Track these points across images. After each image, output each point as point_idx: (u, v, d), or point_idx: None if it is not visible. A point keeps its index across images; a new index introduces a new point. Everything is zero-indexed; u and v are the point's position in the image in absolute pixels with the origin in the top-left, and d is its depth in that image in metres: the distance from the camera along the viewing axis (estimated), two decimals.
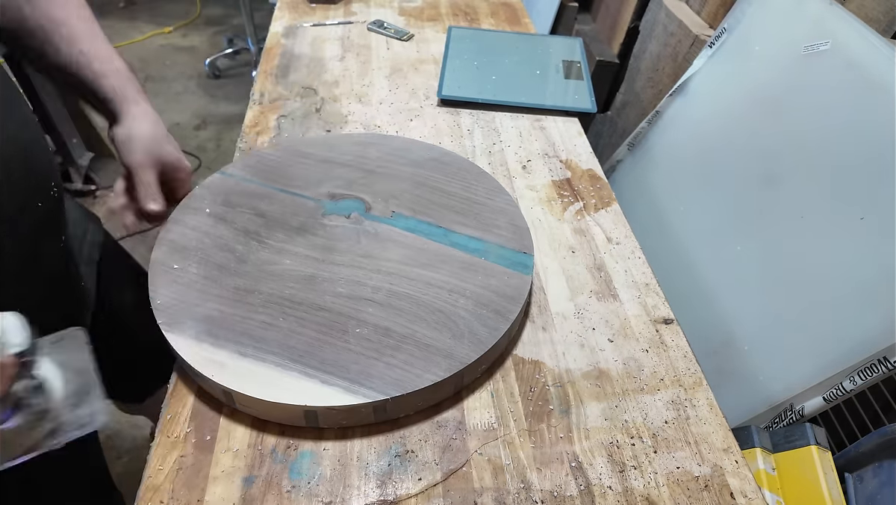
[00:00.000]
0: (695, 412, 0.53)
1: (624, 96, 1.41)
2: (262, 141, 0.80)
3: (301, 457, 0.48)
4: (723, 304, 0.88)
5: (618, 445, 0.50)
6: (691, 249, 0.95)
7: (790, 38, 0.84)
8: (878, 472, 0.63)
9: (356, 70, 0.97)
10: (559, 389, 0.53)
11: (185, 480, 0.46)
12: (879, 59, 0.72)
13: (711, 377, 0.57)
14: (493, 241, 0.61)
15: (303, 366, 0.49)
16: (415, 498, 0.46)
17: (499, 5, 1.22)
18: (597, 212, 0.73)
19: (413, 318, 0.53)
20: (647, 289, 0.63)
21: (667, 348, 0.58)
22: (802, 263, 0.77)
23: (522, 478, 0.47)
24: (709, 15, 1.14)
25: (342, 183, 0.67)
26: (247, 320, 0.52)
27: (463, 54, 1.00)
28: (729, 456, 0.50)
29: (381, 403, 0.48)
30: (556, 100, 0.90)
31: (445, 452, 0.48)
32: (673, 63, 1.19)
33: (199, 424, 0.49)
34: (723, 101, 0.96)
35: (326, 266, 0.57)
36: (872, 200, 0.70)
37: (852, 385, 0.67)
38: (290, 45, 1.03)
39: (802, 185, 0.79)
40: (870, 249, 0.69)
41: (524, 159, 0.80)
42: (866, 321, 0.68)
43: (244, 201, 0.64)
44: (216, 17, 3.24)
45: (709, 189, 0.95)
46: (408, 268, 0.58)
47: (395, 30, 1.08)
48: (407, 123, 0.85)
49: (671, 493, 0.47)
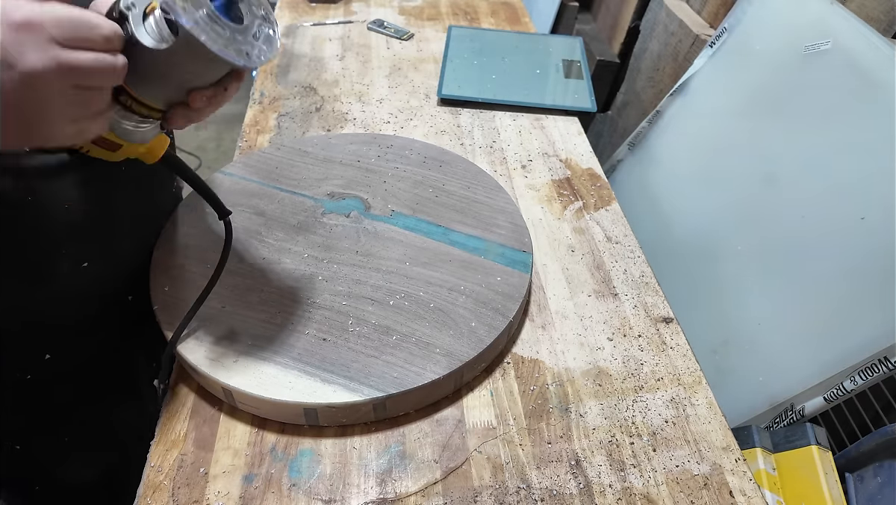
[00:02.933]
0: (694, 411, 0.53)
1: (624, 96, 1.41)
2: (262, 140, 0.80)
3: (301, 455, 0.48)
4: (723, 304, 0.88)
5: (617, 444, 0.50)
6: (691, 249, 0.95)
7: (791, 38, 0.84)
8: (878, 471, 0.63)
9: (356, 69, 0.97)
10: (558, 387, 0.53)
11: (186, 478, 0.46)
12: (880, 59, 0.72)
13: (711, 376, 0.57)
14: (493, 240, 0.61)
15: (303, 364, 0.49)
16: (414, 496, 0.46)
17: (499, 5, 1.21)
18: (596, 211, 0.73)
19: (412, 316, 0.53)
20: (647, 288, 0.63)
21: (666, 347, 0.58)
22: (802, 262, 0.77)
23: (522, 476, 0.47)
24: (709, 14, 1.14)
25: (342, 182, 0.67)
26: (247, 319, 0.52)
27: (463, 53, 1.00)
28: (728, 455, 0.49)
29: (381, 401, 0.48)
30: (556, 99, 0.90)
31: (445, 450, 0.48)
32: (673, 63, 1.19)
33: (198, 422, 0.49)
34: (723, 100, 0.96)
35: (326, 265, 0.57)
36: (872, 200, 0.70)
37: (853, 385, 0.67)
38: (290, 44, 1.03)
39: (802, 185, 0.79)
40: (870, 249, 0.69)
41: (524, 158, 0.80)
42: (866, 321, 0.68)
43: (244, 200, 0.64)
44: None
45: (709, 189, 0.95)
46: (407, 266, 0.58)
47: (395, 29, 1.08)
48: (407, 123, 0.85)
49: (670, 491, 0.47)
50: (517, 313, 0.55)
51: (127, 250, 0.56)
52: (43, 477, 0.58)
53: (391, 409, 0.49)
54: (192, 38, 0.33)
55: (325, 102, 0.88)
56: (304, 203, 0.64)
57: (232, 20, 0.36)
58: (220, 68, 0.38)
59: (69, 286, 0.50)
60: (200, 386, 0.51)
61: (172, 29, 0.34)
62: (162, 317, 0.52)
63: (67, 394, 0.55)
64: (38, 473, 0.58)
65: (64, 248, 0.48)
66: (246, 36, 0.37)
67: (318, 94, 0.90)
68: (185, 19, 0.33)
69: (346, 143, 0.74)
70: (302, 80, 0.93)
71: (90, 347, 0.55)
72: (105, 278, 0.53)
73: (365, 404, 0.47)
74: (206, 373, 0.48)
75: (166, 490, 0.45)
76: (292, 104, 0.88)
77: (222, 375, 0.48)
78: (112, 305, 0.55)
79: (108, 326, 0.56)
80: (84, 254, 0.50)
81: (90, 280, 0.51)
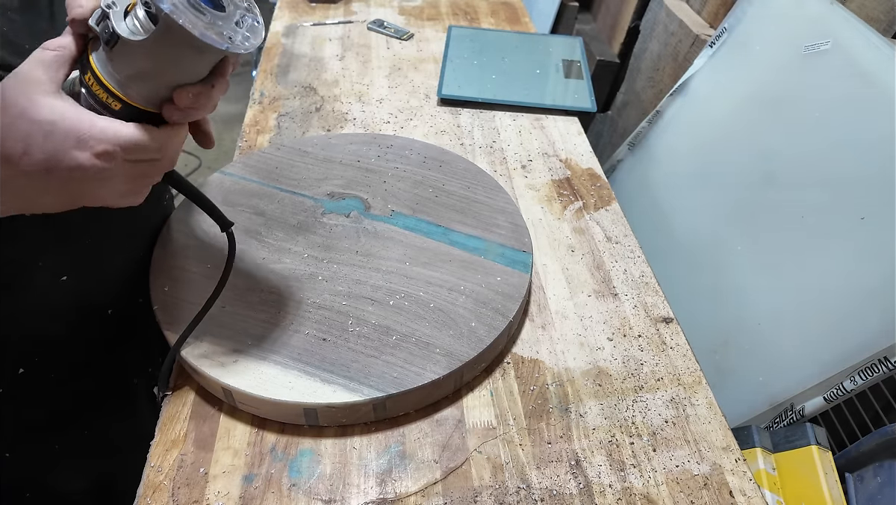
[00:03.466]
0: (694, 411, 0.53)
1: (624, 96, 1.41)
2: (262, 140, 0.80)
3: (301, 455, 0.48)
4: (723, 304, 0.88)
5: (617, 444, 0.50)
6: (691, 249, 0.95)
7: (791, 38, 0.84)
8: (878, 471, 0.63)
9: (356, 69, 0.97)
10: (558, 387, 0.53)
11: (185, 478, 0.46)
12: (880, 59, 0.72)
13: (711, 376, 0.57)
14: (493, 240, 0.61)
15: (302, 364, 0.49)
16: (414, 496, 0.46)
17: (499, 4, 1.22)
18: (596, 211, 0.73)
19: (412, 316, 0.53)
20: (647, 288, 0.63)
21: (666, 347, 0.58)
22: (802, 262, 0.77)
23: (522, 476, 0.47)
24: (709, 14, 1.14)
25: (342, 182, 0.67)
26: (247, 319, 0.52)
27: (463, 53, 1.00)
28: (728, 455, 0.49)
29: (381, 401, 0.48)
30: (556, 99, 0.90)
31: (445, 450, 0.48)
32: (673, 63, 1.19)
33: (198, 422, 0.49)
34: (723, 100, 0.96)
35: (326, 265, 0.57)
36: (872, 200, 0.70)
37: (853, 385, 0.67)
38: (290, 44, 1.03)
39: (802, 185, 0.79)
40: (870, 250, 0.69)
41: (524, 158, 0.80)
42: (866, 321, 0.68)
43: (244, 200, 0.64)
44: None
45: (709, 189, 0.95)
46: (407, 266, 0.58)
47: (394, 29, 1.08)
48: (407, 123, 0.85)
49: (670, 491, 0.47)
50: (517, 313, 0.55)
51: (109, 263, 0.55)
52: (33, 485, 0.58)
53: (391, 409, 0.49)
54: (171, 23, 0.33)
55: (325, 102, 0.88)
56: (304, 203, 0.64)
57: (214, 8, 0.36)
58: (204, 59, 0.37)
59: (46, 298, 0.49)
60: (200, 386, 0.51)
61: (153, 21, 0.34)
62: (162, 317, 0.52)
63: (56, 403, 0.55)
64: (28, 481, 0.58)
65: (41, 260, 0.48)
66: (228, 22, 0.36)
67: (318, 94, 0.90)
68: (165, 4, 0.33)
69: (346, 143, 0.74)
70: (302, 80, 0.93)
71: (73, 357, 0.55)
72: (85, 291, 0.53)
73: (365, 404, 0.47)
74: (206, 373, 0.48)
75: (166, 490, 0.45)
76: (292, 104, 0.88)
77: (222, 375, 0.48)
78: (91, 317, 0.55)
79: (90, 337, 0.56)
80: (62, 267, 0.49)
81: (68, 293, 0.50)
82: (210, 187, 0.66)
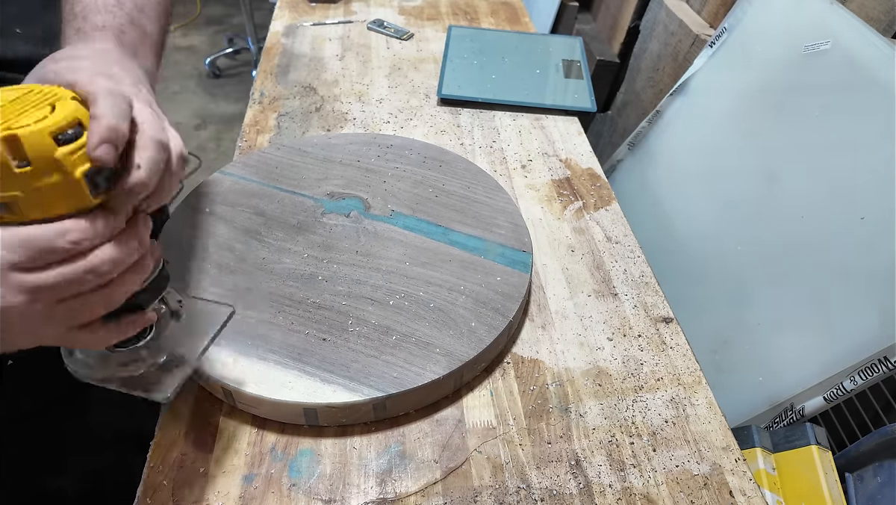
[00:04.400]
0: (694, 411, 0.53)
1: (624, 96, 1.41)
2: (262, 140, 0.80)
3: (301, 455, 0.48)
4: (723, 304, 0.88)
5: (617, 444, 0.50)
6: (691, 249, 0.95)
7: (790, 38, 0.84)
8: (878, 471, 0.63)
9: (356, 69, 0.97)
10: (558, 387, 0.53)
11: (185, 478, 0.46)
12: (880, 59, 0.72)
13: (711, 376, 0.57)
14: (493, 240, 0.61)
15: (302, 364, 0.49)
16: (414, 496, 0.46)
17: (499, 4, 1.21)
18: (596, 211, 0.73)
19: (412, 316, 0.53)
20: (647, 287, 0.63)
21: (666, 347, 0.58)
22: (802, 262, 0.77)
23: (522, 476, 0.47)
24: (709, 14, 1.14)
25: (342, 182, 0.67)
26: (246, 319, 0.52)
27: (463, 53, 1.00)
28: (728, 454, 0.49)
29: (381, 401, 0.48)
30: (556, 99, 0.90)
31: (445, 450, 0.48)
32: (673, 62, 1.19)
33: (198, 422, 0.49)
34: (723, 100, 0.96)
35: (326, 265, 0.57)
36: (872, 200, 0.70)
37: (853, 385, 0.67)
38: (290, 44, 1.03)
39: (802, 185, 0.79)
40: (870, 249, 0.69)
41: (524, 158, 0.80)
42: (866, 321, 0.68)
43: (244, 200, 0.64)
44: (216, 17, 3.24)
45: (709, 188, 0.95)
46: (407, 266, 0.58)
47: (394, 29, 1.08)
48: (406, 122, 0.85)
49: (670, 491, 0.47)
50: (517, 313, 0.55)
51: None
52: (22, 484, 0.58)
53: (391, 409, 0.49)
54: None
55: (325, 102, 0.88)
56: (304, 203, 0.64)
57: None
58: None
59: None
60: (200, 386, 0.51)
61: None
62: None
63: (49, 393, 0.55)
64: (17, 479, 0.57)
65: None
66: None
67: (318, 94, 0.90)
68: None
69: (345, 143, 0.74)
70: (302, 80, 0.93)
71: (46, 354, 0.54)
72: None
73: (365, 404, 0.47)
74: (205, 373, 0.48)
75: (166, 490, 0.45)
76: (292, 104, 0.88)
77: (222, 375, 0.48)
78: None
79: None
80: None
81: None
82: (210, 187, 0.66)
